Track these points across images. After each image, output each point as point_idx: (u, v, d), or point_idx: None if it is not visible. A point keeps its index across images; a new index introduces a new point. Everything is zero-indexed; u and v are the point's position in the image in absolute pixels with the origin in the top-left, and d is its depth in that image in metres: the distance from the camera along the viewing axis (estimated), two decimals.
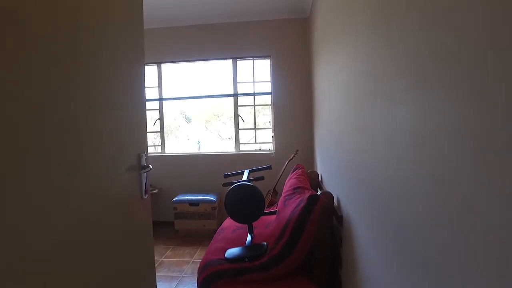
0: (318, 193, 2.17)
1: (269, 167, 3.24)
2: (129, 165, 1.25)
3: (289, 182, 3.04)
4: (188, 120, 6.13)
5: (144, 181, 1.37)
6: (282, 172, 3.85)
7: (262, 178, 2.88)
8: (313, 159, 4.14)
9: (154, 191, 4.30)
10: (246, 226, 2.63)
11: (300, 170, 3.21)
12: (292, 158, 3.88)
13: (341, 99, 1.98)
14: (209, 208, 3.99)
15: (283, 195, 2.85)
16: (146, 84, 4.62)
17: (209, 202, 4.00)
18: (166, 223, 4.37)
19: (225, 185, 2.98)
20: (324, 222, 2.02)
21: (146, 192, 1.40)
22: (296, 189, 2.67)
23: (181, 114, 6.08)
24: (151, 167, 1.37)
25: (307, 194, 2.25)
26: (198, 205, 4.00)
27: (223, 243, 2.55)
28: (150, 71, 4.65)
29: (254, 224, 2.64)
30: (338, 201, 2.21)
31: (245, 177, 2.97)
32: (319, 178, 3.36)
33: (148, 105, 4.87)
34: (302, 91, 4.27)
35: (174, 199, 4.09)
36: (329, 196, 2.10)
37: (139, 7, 1.37)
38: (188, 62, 4.57)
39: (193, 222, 4.02)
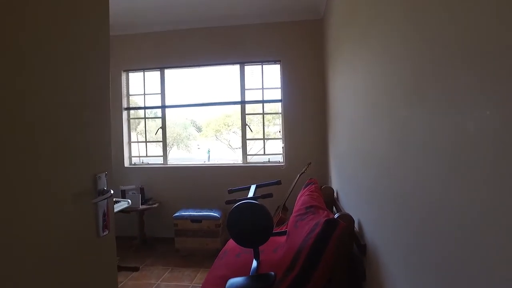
0: (336, 215, 1.88)
1: (279, 182, 2.96)
2: (78, 191, 0.93)
3: (301, 199, 2.75)
4: (199, 129, 6.04)
5: (101, 211, 1.03)
6: (293, 187, 3.55)
7: (270, 195, 2.60)
8: (328, 173, 3.84)
9: (154, 205, 4.05)
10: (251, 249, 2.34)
11: (313, 185, 2.91)
12: (304, 172, 3.59)
13: (367, 106, 1.69)
14: (212, 225, 3.71)
15: (294, 213, 2.56)
16: (148, 91, 4.47)
17: (212, 219, 3.72)
18: (166, 240, 4.10)
19: (228, 202, 2.71)
20: (343, 251, 1.72)
21: (106, 226, 1.07)
22: (309, 208, 2.38)
23: (191, 123, 5.98)
24: (112, 192, 1.05)
25: (322, 217, 1.96)
26: (201, 221, 3.73)
27: (224, 269, 2.26)
28: (152, 76, 4.46)
29: (260, 246, 2.34)
30: (360, 225, 1.91)
31: (251, 193, 2.69)
32: (335, 194, 3.05)
33: (149, 112, 4.67)
34: (315, 98, 4.00)
35: (175, 214, 3.83)
36: (349, 220, 1.81)
37: (105, 10, 1.10)
38: (193, 67, 4.36)
39: (195, 240, 3.74)
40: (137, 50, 4.37)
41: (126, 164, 4.48)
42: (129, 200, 3.33)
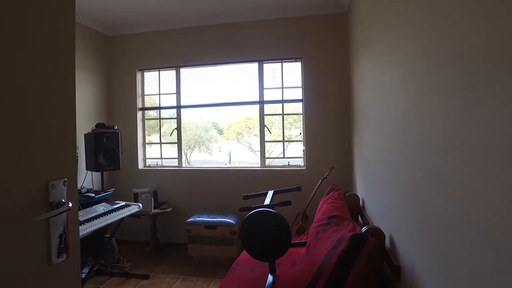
0: (363, 229, 1.65)
1: (298, 188, 2.75)
2: (18, 205, 0.70)
3: (323, 207, 2.53)
4: (220, 132, 6.06)
5: (57, 230, 0.78)
6: (315, 193, 3.33)
7: (288, 203, 2.39)
8: (352, 179, 3.58)
9: (167, 210, 3.92)
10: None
11: (336, 192, 2.68)
12: (326, 177, 3.36)
13: (408, 104, 1.46)
14: (227, 232, 3.54)
15: (315, 223, 2.34)
16: (163, 90, 4.37)
17: (227, 226, 3.54)
18: (179, 245, 3.97)
19: (242, 209, 2.53)
20: (371, 273, 1.50)
21: (64, 250, 0.81)
22: (332, 218, 2.16)
23: (213, 126, 6.00)
24: (70, 205, 0.79)
25: (348, 230, 1.74)
26: (215, 228, 3.56)
27: (236, 285, 2.08)
28: (167, 76, 4.36)
29: (277, 260, 2.14)
30: (392, 242, 1.67)
31: (267, 200, 2.50)
32: (360, 203, 2.81)
33: (169, 113, 4.57)
34: (338, 98, 3.76)
35: (188, 220, 3.68)
36: (379, 235, 1.58)
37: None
38: (210, 65, 4.22)
39: (208, 248, 3.57)
40: (152, 48, 4.28)
41: (140, 166, 4.39)
42: (140, 204, 3.21)
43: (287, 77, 4.04)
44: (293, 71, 4.01)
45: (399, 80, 1.52)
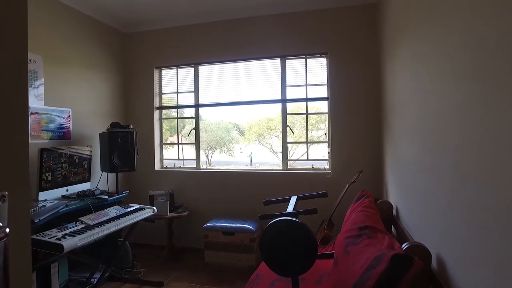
0: (404, 246, 1.41)
1: (324, 194, 2.53)
2: None
3: (352, 216, 2.29)
4: (242, 133, 6.00)
5: None
6: (341, 199, 3.09)
7: (314, 211, 2.18)
8: (382, 184, 3.31)
9: (184, 213, 3.77)
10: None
11: (366, 199, 2.44)
12: (354, 181, 3.12)
13: (467, 97, 1.22)
14: (246, 239, 3.35)
15: (343, 233, 2.11)
16: (181, 89, 4.23)
17: (246, 232, 3.35)
18: (196, 251, 3.83)
19: (263, 217, 2.33)
20: None
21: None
22: (363, 230, 1.92)
23: (234, 127, 6.02)
24: (7, 230, 0.59)
25: (385, 247, 1.51)
26: (234, 234, 3.38)
27: None
28: (186, 74, 4.22)
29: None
30: (441, 264, 1.41)
31: (290, 207, 2.29)
32: (394, 211, 2.54)
33: (186, 113, 4.44)
34: (368, 95, 3.50)
35: (206, 224, 3.52)
36: (424, 254, 1.34)
37: None
38: (229, 62, 4.05)
39: (226, 255, 3.40)
40: (170, 45, 4.16)
41: (157, 167, 4.27)
42: (155, 208, 3.08)
43: (311, 74, 3.81)
44: (317, 68, 3.78)
45: (451, 73, 1.28)
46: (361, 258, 1.55)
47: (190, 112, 4.35)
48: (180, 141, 4.37)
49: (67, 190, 2.99)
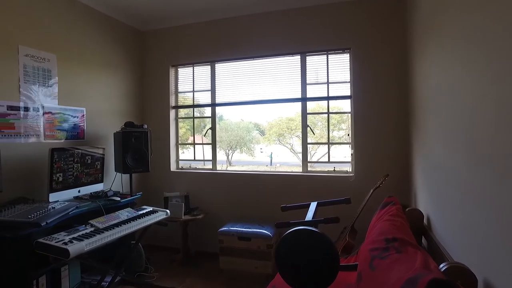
0: (442, 267, 1.21)
1: (347, 201, 2.34)
2: None
3: (378, 225, 2.10)
4: (262, 133, 5.98)
5: None
6: (365, 204, 2.88)
7: (336, 220, 2.00)
8: (411, 189, 3.07)
9: (198, 216, 3.66)
10: None
11: (394, 207, 2.23)
12: (379, 186, 2.90)
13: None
14: (263, 245, 3.19)
15: (368, 244, 1.92)
16: (196, 87, 4.13)
17: (263, 238, 3.20)
18: (211, 255, 3.71)
19: (279, 225, 2.16)
20: None
21: None
22: (391, 242, 1.72)
23: (255, 127, 6.09)
24: None
25: (419, 266, 1.31)
26: (250, 240, 3.23)
27: None
28: (202, 72, 4.11)
29: None
30: None
31: (309, 214, 2.11)
32: (424, 221, 2.32)
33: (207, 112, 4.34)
34: (394, 93, 3.26)
35: (221, 229, 3.39)
36: (470, 280, 1.13)
37: None
38: (247, 60, 3.90)
39: (242, 261, 3.26)
40: (186, 42, 4.07)
41: (173, 168, 4.19)
42: (168, 211, 2.97)
43: (332, 71, 3.60)
44: (339, 64, 3.57)
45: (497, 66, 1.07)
46: (390, 277, 1.36)
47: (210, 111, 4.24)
48: (196, 142, 4.27)
49: (79, 191, 2.93)
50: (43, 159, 2.76)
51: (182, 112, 4.34)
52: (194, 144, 4.26)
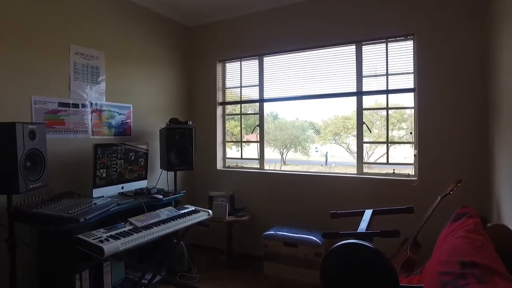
0: None
1: (410, 210, 1.98)
2: None
3: (450, 241, 1.73)
4: (317, 132, 5.96)
5: None
6: (430, 214, 2.47)
7: (396, 234, 1.67)
8: (491, 199, 2.58)
9: (244, 218, 3.49)
10: None
11: (470, 220, 1.83)
12: (449, 193, 2.48)
13: None
14: (311, 253, 2.92)
15: (436, 264, 1.59)
16: (244, 83, 3.95)
17: (311, 245, 2.93)
18: (256, 259, 3.53)
19: (327, 235, 1.88)
20: None
21: None
22: (470, 268, 1.38)
23: (310, 126, 6.03)
24: None
25: None
26: (297, 246, 2.99)
27: None
28: (249, 66, 3.94)
29: None
30: None
31: (363, 225, 1.81)
32: None
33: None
34: (469, 85, 2.78)
35: (266, 232, 3.18)
36: None
37: None
38: (297, 52, 3.63)
39: (288, 268, 3.02)
40: (233, 36, 3.92)
41: (219, 166, 4.08)
42: (210, 211, 2.83)
43: (392, 61, 3.19)
44: (401, 53, 3.15)
45: None
46: None
47: (265, 108, 4.02)
48: (243, 139, 4.11)
49: (122, 188, 2.92)
50: (91, 155, 2.78)
51: (230, 109, 4.21)
52: (241, 142, 4.11)
